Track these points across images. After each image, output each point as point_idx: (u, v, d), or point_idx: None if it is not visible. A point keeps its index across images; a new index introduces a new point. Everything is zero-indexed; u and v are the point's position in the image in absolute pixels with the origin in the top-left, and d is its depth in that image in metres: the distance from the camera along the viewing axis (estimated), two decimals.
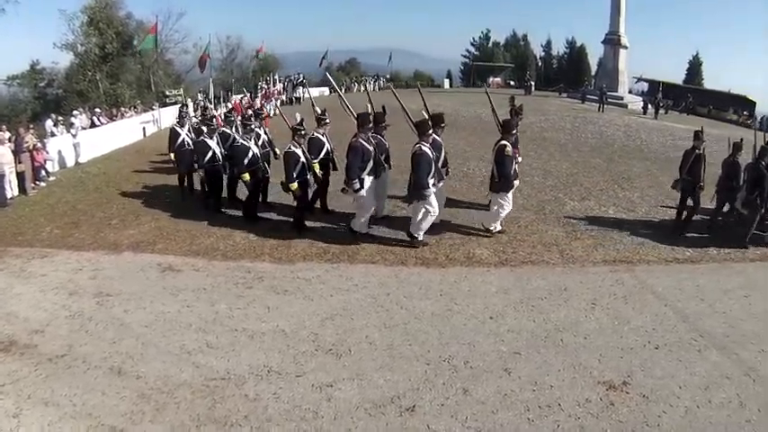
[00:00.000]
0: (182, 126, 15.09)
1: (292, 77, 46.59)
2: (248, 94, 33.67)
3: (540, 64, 72.41)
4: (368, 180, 10.51)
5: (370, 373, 6.51)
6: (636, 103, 42.89)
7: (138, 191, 15.45)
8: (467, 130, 23.91)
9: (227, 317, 7.94)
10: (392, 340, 7.22)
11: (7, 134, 16.30)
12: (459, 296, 8.50)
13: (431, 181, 10.22)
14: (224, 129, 14.14)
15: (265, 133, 13.71)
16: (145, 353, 7.05)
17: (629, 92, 49.41)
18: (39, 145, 16.72)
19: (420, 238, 10.47)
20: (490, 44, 73.26)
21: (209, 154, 12.86)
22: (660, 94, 41.64)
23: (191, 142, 14.53)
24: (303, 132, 11.18)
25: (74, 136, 20.10)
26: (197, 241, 11.00)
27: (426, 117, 10.88)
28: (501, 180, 10.82)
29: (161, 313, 8.07)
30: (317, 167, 11.44)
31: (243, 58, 58.11)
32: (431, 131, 10.33)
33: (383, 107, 11.76)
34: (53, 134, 20.96)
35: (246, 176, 11.82)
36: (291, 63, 69.46)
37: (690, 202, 11.69)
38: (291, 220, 11.62)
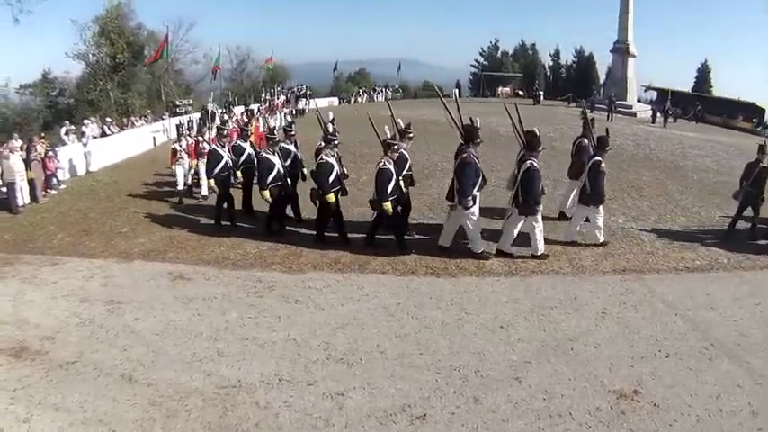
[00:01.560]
0: (222, 146, 13.20)
1: (295, 89, 46.21)
2: (242, 110, 31.46)
3: (548, 73, 72.11)
4: (477, 196, 10.42)
5: (381, 381, 6.52)
6: (645, 111, 42.72)
7: (149, 200, 15.54)
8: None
9: (238, 325, 7.97)
10: (403, 349, 7.24)
11: (19, 142, 16.43)
12: (469, 305, 8.51)
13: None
14: (283, 144, 12.78)
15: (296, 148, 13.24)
16: (156, 360, 7.09)
17: (638, 100, 49.22)
18: (50, 153, 16.83)
19: (540, 251, 10.47)
20: (499, 54, 73.03)
21: (275, 172, 11.66)
22: (669, 103, 41.50)
23: (230, 162, 13.09)
24: (396, 147, 10.73)
25: (84, 145, 20.23)
26: (207, 250, 11.05)
27: (537, 133, 10.78)
28: (593, 194, 10.90)
29: (172, 321, 8.11)
30: (401, 184, 11.07)
31: (253, 69, 58.21)
32: (541, 147, 10.40)
33: (471, 119, 11.44)
34: (64, 143, 21.10)
35: (332, 197, 10.96)
36: (301, 73, 69.41)
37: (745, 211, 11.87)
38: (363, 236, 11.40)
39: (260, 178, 11.72)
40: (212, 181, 12.82)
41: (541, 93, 52.38)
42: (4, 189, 14.83)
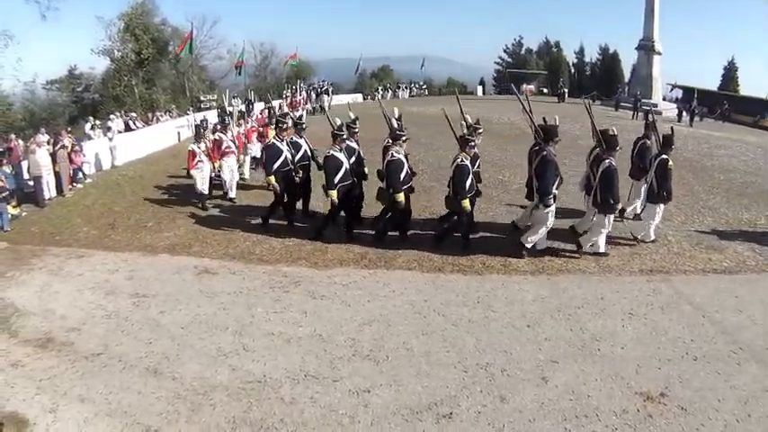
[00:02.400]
0: (282, 140, 12.05)
1: (316, 85, 45.49)
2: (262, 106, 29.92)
3: (572, 71, 71.40)
4: (556, 194, 10.38)
5: (408, 379, 6.52)
6: (670, 110, 42.18)
7: (174, 194, 15.66)
8: (501, 137, 23.80)
9: (264, 320, 7.99)
10: (429, 347, 7.23)
11: (45, 137, 16.58)
12: (496, 304, 8.47)
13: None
14: (347, 142, 11.55)
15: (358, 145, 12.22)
16: (181, 354, 7.15)
17: (664, 99, 48.63)
18: (76, 148, 16.98)
19: (602, 249, 10.53)
20: (523, 51, 72.50)
21: (342, 171, 10.88)
22: (695, 102, 40.89)
23: (290, 156, 11.99)
24: (473, 143, 10.50)
25: (110, 139, 20.41)
26: (233, 245, 11.09)
27: (615, 132, 10.64)
28: (660, 192, 10.93)
29: (197, 315, 8.17)
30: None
31: (277, 65, 57.98)
32: (619, 147, 10.34)
33: (544, 118, 11.50)
34: (89, 137, 21.27)
35: (401, 196, 10.54)
36: (325, 70, 69.32)
37: None
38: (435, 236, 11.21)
39: (327, 178, 10.83)
40: (272, 178, 11.65)
41: (566, 90, 51.91)
42: (32, 183, 14.99)
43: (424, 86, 61.46)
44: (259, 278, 9.49)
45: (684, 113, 38.52)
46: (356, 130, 12.31)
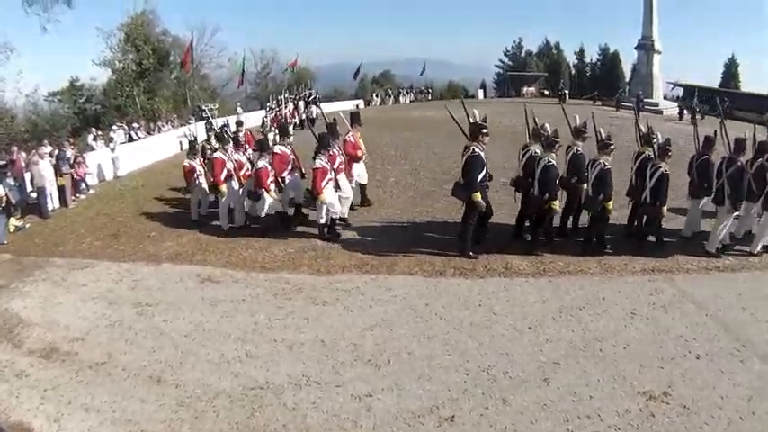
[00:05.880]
0: (483, 149, 10.25)
1: (303, 95, 40.31)
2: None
3: (573, 72, 71.26)
4: None
5: (410, 383, 6.53)
6: (671, 109, 42.11)
7: (176, 204, 15.66)
8: (504, 140, 23.71)
9: (267, 327, 8.00)
10: (431, 350, 7.23)
11: (48, 148, 16.66)
12: (497, 306, 8.47)
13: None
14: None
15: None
16: (184, 362, 7.18)
17: (664, 98, 48.51)
18: (79, 159, 17.05)
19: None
20: (523, 53, 72.41)
21: (557, 179, 10.54)
22: (696, 100, 40.81)
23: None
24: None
25: (112, 150, 20.49)
26: (235, 253, 11.08)
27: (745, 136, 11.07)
28: None
29: (200, 323, 8.18)
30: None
31: (277, 72, 57.87)
32: (745, 149, 10.71)
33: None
34: (92, 148, 21.35)
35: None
36: (325, 75, 69.22)
37: None
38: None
39: (550, 188, 10.27)
40: (479, 194, 10.06)
41: (567, 92, 51.82)
42: (35, 194, 15.07)
43: (430, 90, 61.35)
44: (261, 285, 9.50)
45: (686, 112, 38.38)
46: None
